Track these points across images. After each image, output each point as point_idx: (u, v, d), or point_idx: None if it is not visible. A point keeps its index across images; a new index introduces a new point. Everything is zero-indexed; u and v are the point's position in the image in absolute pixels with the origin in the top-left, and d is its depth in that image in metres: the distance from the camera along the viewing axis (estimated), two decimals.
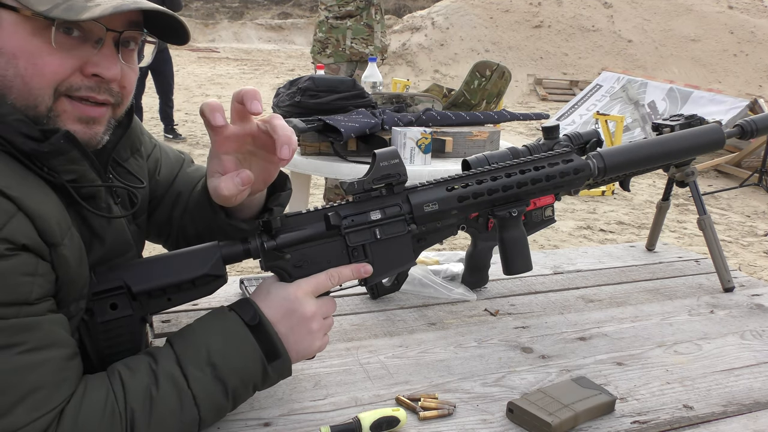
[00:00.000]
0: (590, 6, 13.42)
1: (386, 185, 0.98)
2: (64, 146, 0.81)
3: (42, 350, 0.76)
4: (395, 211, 0.99)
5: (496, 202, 1.05)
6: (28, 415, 0.73)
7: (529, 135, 8.38)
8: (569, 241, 4.53)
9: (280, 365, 0.89)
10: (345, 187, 0.96)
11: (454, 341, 1.17)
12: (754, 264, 4.27)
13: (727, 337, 1.22)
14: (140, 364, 0.84)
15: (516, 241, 1.10)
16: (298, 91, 2.45)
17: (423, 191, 1.02)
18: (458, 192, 1.02)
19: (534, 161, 1.05)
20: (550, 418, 0.89)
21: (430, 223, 1.03)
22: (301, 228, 0.94)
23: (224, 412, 0.87)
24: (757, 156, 6.26)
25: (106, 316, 0.87)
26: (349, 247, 0.96)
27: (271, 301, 0.91)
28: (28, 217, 0.75)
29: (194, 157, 6.57)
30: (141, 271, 0.91)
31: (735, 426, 0.95)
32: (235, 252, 0.93)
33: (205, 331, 0.87)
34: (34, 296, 0.76)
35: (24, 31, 0.79)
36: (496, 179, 1.03)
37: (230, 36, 20.89)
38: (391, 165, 0.97)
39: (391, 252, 0.99)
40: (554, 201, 1.37)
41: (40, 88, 0.81)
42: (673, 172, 1.50)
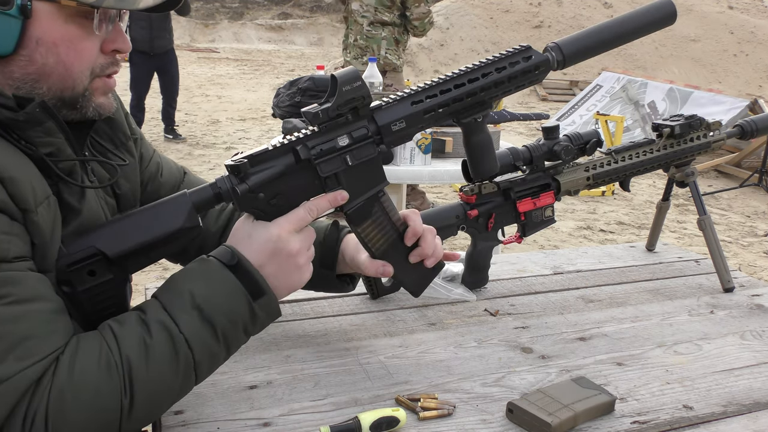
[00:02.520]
0: (590, 6, 13.43)
1: (352, 110, 0.95)
2: (39, 115, 0.83)
3: (27, 302, 0.76)
4: (363, 134, 0.96)
5: (461, 110, 1.03)
6: (18, 364, 0.74)
7: (529, 135, 8.38)
8: (569, 241, 4.53)
9: (266, 302, 0.89)
10: (309, 117, 0.94)
11: (454, 341, 1.17)
12: (754, 264, 4.27)
13: (727, 338, 1.22)
14: (129, 317, 0.84)
15: (482, 144, 1.08)
16: (298, 91, 2.45)
17: (388, 109, 0.98)
18: (424, 105, 0.99)
19: (494, 62, 1.02)
20: (549, 418, 0.89)
21: (399, 141, 1.01)
22: (270, 166, 0.92)
23: (218, 356, 0.87)
24: (757, 156, 6.26)
25: (86, 284, 0.86)
26: (322, 177, 0.94)
27: (253, 244, 0.90)
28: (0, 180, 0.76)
29: (194, 157, 6.59)
30: (112, 234, 0.88)
31: (735, 426, 0.95)
32: (206, 198, 0.92)
33: (187, 278, 0.88)
34: (12, 254, 0.76)
35: (60, 19, 0.83)
36: (459, 87, 1.00)
37: (230, 36, 20.89)
38: (354, 88, 0.93)
39: (364, 176, 0.97)
40: (554, 201, 1.37)
41: (80, 71, 0.87)
42: (673, 172, 1.50)
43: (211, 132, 7.90)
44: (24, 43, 0.82)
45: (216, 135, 7.75)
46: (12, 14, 0.79)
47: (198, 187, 0.93)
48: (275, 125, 8.18)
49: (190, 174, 1.23)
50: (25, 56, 0.83)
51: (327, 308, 1.29)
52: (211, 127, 8.15)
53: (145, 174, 1.12)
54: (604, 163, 1.40)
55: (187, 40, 20.29)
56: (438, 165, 2.35)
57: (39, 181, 0.82)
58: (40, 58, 0.83)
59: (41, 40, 0.82)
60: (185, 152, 6.81)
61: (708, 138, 1.47)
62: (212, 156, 6.72)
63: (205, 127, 8.09)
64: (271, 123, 8.41)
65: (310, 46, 21.75)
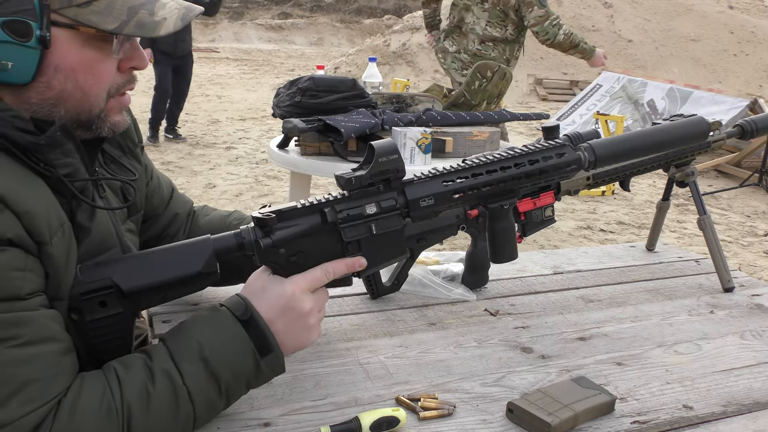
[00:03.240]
0: (590, 6, 13.42)
1: (384, 181, 0.96)
2: (60, 138, 0.83)
3: (36, 344, 0.76)
4: (391, 205, 0.97)
5: (490, 196, 1.05)
6: (21, 408, 0.73)
7: (529, 135, 8.38)
8: (569, 241, 4.53)
9: (273, 360, 0.89)
10: (342, 183, 0.95)
11: (454, 341, 1.17)
12: (754, 264, 4.27)
13: (727, 337, 1.22)
14: (135, 361, 0.84)
15: (505, 231, 1.10)
16: (298, 91, 2.45)
17: (419, 185, 1.00)
18: (454, 186, 1.01)
19: (528, 154, 1.04)
20: (549, 418, 0.89)
21: (424, 218, 1.02)
22: (296, 224, 0.92)
23: (217, 409, 0.87)
24: (757, 156, 6.26)
25: (95, 315, 0.86)
26: (345, 241, 0.95)
27: (267, 299, 0.90)
28: (15, 214, 0.75)
29: (194, 157, 6.59)
30: (130, 269, 0.88)
31: (735, 426, 0.95)
32: (228, 246, 0.92)
33: (197, 327, 0.87)
34: (25, 291, 0.76)
35: (77, 45, 0.83)
36: (491, 173, 1.02)
37: (230, 36, 20.89)
38: (390, 161, 0.95)
39: (386, 246, 0.98)
40: (554, 201, 1.37)
41: (97, 95, 0.87)
42: (673, 172, 1.50)
43: (211, 132, 7.90)
44: (42, 70, 0.81)
45: (216, 135, 7.75)
46: (31, 46, 0.79)
47: (222, 234, 0.93)
48: (275, 125, 8.18)
49: (177, 191, 1.24)
50: (44, 83, 0.82)
51: (327, 308, 1.28)
52: (211, 127, 8.14)
53: (150, 187, 1.13)
54: None
55: None
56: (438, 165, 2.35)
57: (54, 208, 0.81)
58: (59, 84, 0.83)
59: (59, 66, 0.82)
60: (185, 152, 6.81)
61: (708, 138, 1.47)
62: (212, 156, 6.72)
63: (205, 127, 8.09)
64: (271, 123, 8.41)
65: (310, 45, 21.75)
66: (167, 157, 6.46)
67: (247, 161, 6.55)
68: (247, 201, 5.21)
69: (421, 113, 2.49)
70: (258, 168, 6.26)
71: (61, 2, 0.80)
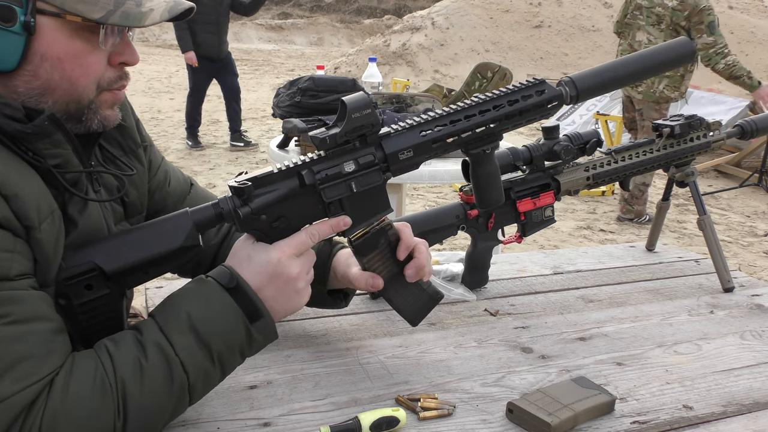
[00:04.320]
0: (590, 6, 13.43)
1: (359, 137, 0.94)
2: (48, 128, 0.82)
3: (27, 322, 0.76)
4: (369, 161, 0.94)
5: (471, 142, 1.01)
6: (14, 385, 0.74)
7: (529, 135, 8.38)
8: (569, 241, 4.53)
9: (263, 325, 0.88)
10: (316, 142, 0.92)
11: (454, 341, 1.17)
12: (754, 264, 4.27)
13: (727, 338, 1.22)
14: (126, 337, 0.84)
15: (490, 175, 1.06)
16: (298, 91, 2.45)
17: (397, 137, 0.96)
18: (433, 135, 0.97)
19: (506, 95, 1.00)
20: (549, 418, 0.89)
21: (405, 170, 0.99)
22: (274, 189, 0.91)
23: (213, 379, 0.87)
24: (757, 156, 6.25)
25: (82, 298, 0.86)
26: (326, 202, 0.93)
27: (253, 266, 0.90)
28: (3, 197, 0.75)
29: (194, 157, 6.59)
30: (111, 249, 0.88)
31: (735, 426, 0.95)
32: (207, 218, 0.91)
33: (185, 298, 0.87)
34: (14, 272, 0.76)
35: (64, 35, 0.82)
36: (469, 118, 0.98)
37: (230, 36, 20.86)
38: (364, 116, 0.92)
39: (368, 202, 0.96)
40: (554, 201, 1.37)
41: (85, 86, 0.86)
42: (673, 172, 1.50)
43: (211, 132, 7.90)
44: (28, 58, 0.81)
45: (216, 135, 7.75)
46: (15, 31, 0.79)
47: (200, 206, 0.92)
48: (275, 125, 8.18)
49: (197, 186, 1.22)
50: (30, 71, 0.82)
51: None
52: (211, 127, 8.14)
53: (153, 182, 1.12)
54: (604, 163, 1.40)
55: None
56: (438, 165, 2.34)
57: (44, 195, 0.82)
58: (45, 74, 0.83)
59: (46, 55, 0.82)
60: (185, 152, 6.82)
61: (708, 138, 1.47)
62: (212, 156, 6.72)
63: (205, 127, 8.09)
64: (271, 123, 8.41)
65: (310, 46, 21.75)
66: (167, 158, 6.42)
67: (247, 161, 6.55)
68: None
69: (421, 113, 2.49)
70: (258, 168, 6.26)
71: None
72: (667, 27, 4.43)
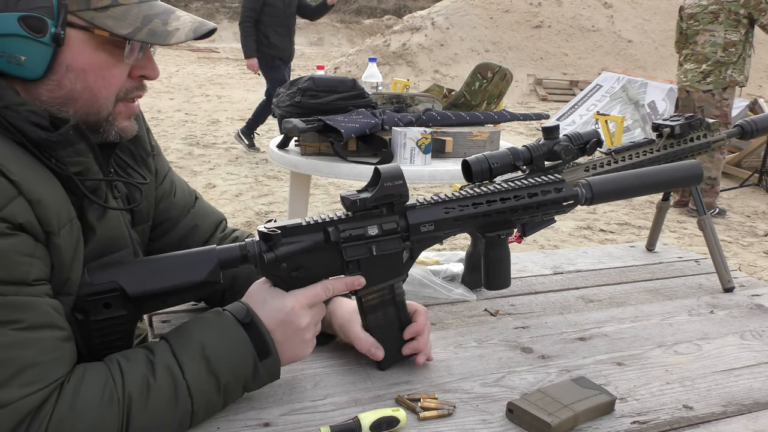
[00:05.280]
0: (590, 6, 13.42)
1: (387, 205, 0.99)
2: (72, 137, 0.84)
3: (38, 329, 0.77)
4: (392, 228, 0.99)
5: (489, 225, 1.07)
6: (20, 390, 0.75)
7: (529, 135, 8.38)
8: (569, 241, 4.53)
9: (270, 364, 0.91)
10: (347, 204, 0.97)
11: (454, 341, 1.17)
12: (754, 264, 4.26)
13: (727, 338, 1.22)
14: (137, 355, 0.85)
15: (500, 260, 1.12)
16: (298, 91, 2.45)
17: (421, 210, 1.02)
18: (455, 213, 1.03)
19: (528, 188, 1.07)
20: (549, 418, 0.89)
21: (424, 243, 1.04)
22: (299, 240, 0.95)
23: (215, 408, 0.88)
24: (757, 156, 6.26)
25: (99, 315, 0.88)
26: (345, 260, 0.97)
27: (267, 310, 0.92)
28: (28, 201, 0.77)
29: (194, 156, 6.59)
30: (136, 273, 0.91)
31: (735, 426, 0.95)
32: (232, 258, 0.94)
33: (200, 327, 0.89)
34: (32, 277, 0.77)
35: (91, 47, 0.85)
36: (491, 204, 1.05)
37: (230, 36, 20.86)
38: (395, 186, 0.97)
39: (385, 267, 1.01)
40: None
41: (106, 98, 0.89)
42: None
43: (211, 132, 7.90)
44: (54, 68, 0.84)
45: (216, 135, 7.75)
46: (45, 42, 0.81)
47: (227, 246, 0.95)
48: (275, 125, 8.17)
49: (201, 199, 1.22)
50: (54, 81, 0.84)
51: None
52: (211, 127, 8.15)
53: (159, 191, 1.12)
54: (604, 163, 1.40)
55: None
56: (438, 165, 2.34)
57: (64, 203, 0.83)
58: (69, 84, 0.85)
59: (71, 66, 0.84)
60: (185, 152, 6.82)
61: (708, 138, 1.47)
62: (212, 156, 6.72)
63: (205, 127, 8.10)
64: (271, 123, 8.41)
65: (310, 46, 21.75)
66: (167, 157, 6.41)
67: (247, 161, 6.55)
68: (247, 201, 5.21)
69: (421, 113, 2.49)
70: (258, 168, 6.26)
71: (79, 5, 0.83)
72: (726, 19, 4.87)
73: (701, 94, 5.01)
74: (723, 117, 4.91)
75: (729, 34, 4.90)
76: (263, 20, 6.24)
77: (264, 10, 6.20)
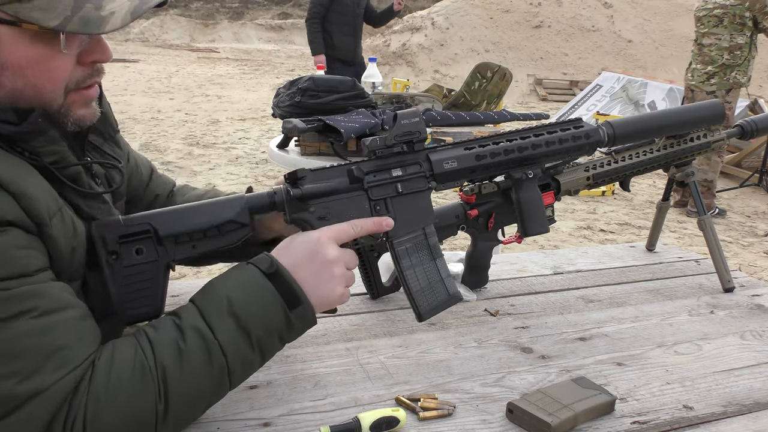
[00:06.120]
0: (590, 6, 13.42)
1: (407, 142, 1.00)
2: (42, 125, 0.82)
3: (54, 313, 0.77)
4: (416, 169, 1.01)
5: (512, 163, 1.08)
6: (54, 374, 0.75)
7: None
8: (569, 241, 4.53)
9: (302, 312, 0.89)
10: (367, 143, 0.99)
11: (454, 341, 1.17)
12: (754, 264, 4.26)
13: (728, 338, 1.22)
14: (165, 322, 0.85)
15: (532, 202, 1.13)
16: (298, 91, 2.45)
17: (442, 150, 1.04)
18: (476, 151, 1.04)
19: (546, 126, 1.09)
20: (549, 418, 0.89)
21: (449, 181, 1.05)
22: (325, 180, 0.97)
23: (253, 363, 0.87)
24: (757, 156, 6.26)
25: (131, 260, 0.89)
26: (372, 201, 0.99)
27: (293, 248, 0.92)
28: (12, 195, 0.76)
29: (194, 156, 6.59)
30: (168, 216, 0.93)
31: (735, 426, 0.95)
32: (261, 202, 0.96)
33: (225, 284, 0.88)
34: (33, 268, 0.77)
35: (24, 42, 0.79)
36: (511, 140, 1.06)
37: (230, 36, 20.89)
38: (412, 123, 0.99)
39: (413, 208, 1.01)
40: (554, 201, 1.37)
41: (52, 91, 0.83)
42: (673, 172, 1.50)
43: (211, 132, 7.90)
44: None
45: (216, 135, 7.75)
46: None
47: (256, 193, 0.97)
48: (275, 125, 8.17)
49: (156, 172, 1.23)
50: None
51: None
52: (211, 127, 8.15)
53: (128, 168, 1.12)
54: (604, 163, 1.40)
55: (187, 40, 20.29)
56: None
57: (49, 192, 0.82)
58: (8, 82, 0.80)
59: (6, 64, 0.79)
60: (185, 152, 6.81)
61: (708, 138, 1.47)
62: (212, 156, 6.72)
63: (205, 127, 8.09)
64: (271, 123, 8.42)
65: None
66: (167, 157, 6.46)
67: (247, 161, 6.55)
68: None
69: (421, 113, 2.49)
70: (258, 168, 6.26)
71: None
72: (730, 23, 4.89)
73: (705, 95, 5.02)
74: (725, 120, 4.92)
75: (735, 37, 4.94)
76: (330, 18, 5.97)
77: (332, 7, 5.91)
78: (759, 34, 4.98)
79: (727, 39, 4.94)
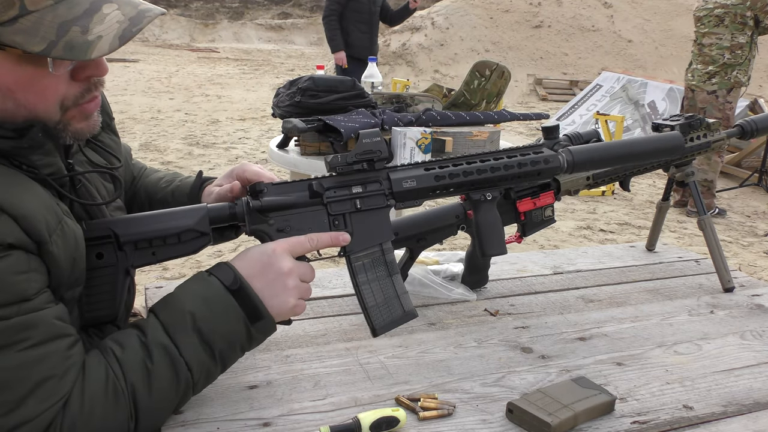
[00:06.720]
0: (590, 6, 13.42)
1: (367, 161, 1.02)
2: (41, 139, 0.82)
3: (45, 344, 0.77)
4: (376, 186, 1.02)
5: (471, 185, 1.09)
6: (38, 406, 0.75)
7: (529, 135, 8.38)
8: (569, 241, 4.53)
9: (263, 325, 0.92)
10: (329, 160, 1.00)
11: (454, 341, 1.17)
12: (754, 264, 4.26)
13: (727, 338, 1.22)
14: (130, 339, 0.86)
15: (490, 223, 1.13)
16: (298, 91, 2.45)
17: (402, 170, 1.05)
18: (435, 172, 1.05)
19: (507, 150, 1.10)
20: (549, 418, 0.89)
21: (408, 200, 1.06)
22: (285, 194, 0.98)
23: (214, 374, 0.90)
24: (757, 156, 6.25)
25: (90, 264, 0.89)
26: (331, 215, 1.00)
27: (249, 258, 0.93)
28: (12, 217, 0.75)
29: (194, 156, 6.59)
30: (129, 222, 0.95)
31: (735, 426, 0.95)
32: (221, 213, 0.98)
33: (188, 298, 0.89)
34: (32, 292, 0.77)
35: (10, 64, 0.77)
36: (471, 163, 1.08)
37: (230, 36, 20.89)
38: (373, 142, 1.01)
39: (370, 225, 1.02)
40: (554, 201, 1.37)
41: (45, 110, 0.82)
42: (673, 172, 1.50)
43: (211, 132, 7.89)
44: None
45: (216, 135, 7.74)
46: None
47: (218, 204, 0.98)
48: (275, 125, 8.18)
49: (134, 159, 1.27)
50: None
51: (327, 308, 1.29)
52: (211, 127, 8.14)
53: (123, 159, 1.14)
54: None
55: (187, 40, 20.28)
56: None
57: (49, 206, 0.81)
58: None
59: None
60: (185, 152, 6.81)
61: (708, 138, 1.47)
62: (212, 156, 6.72)
63: (205, 127, 8.09)
64: (271, 123, 8.41)
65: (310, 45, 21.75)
66: (167, 157, 6.46)
67: (247, 161, 6.54)
68: None
69: (421, 113, 2.49)
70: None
71: None
72: (731, 23, 4.91)
73: (705, 95, 5.04)
74: (725, 120, 4.91)
75: (736, 36, 4.95)
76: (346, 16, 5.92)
77: (348, 5, 5.87)
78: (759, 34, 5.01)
79: (728, 38, 4.95)
